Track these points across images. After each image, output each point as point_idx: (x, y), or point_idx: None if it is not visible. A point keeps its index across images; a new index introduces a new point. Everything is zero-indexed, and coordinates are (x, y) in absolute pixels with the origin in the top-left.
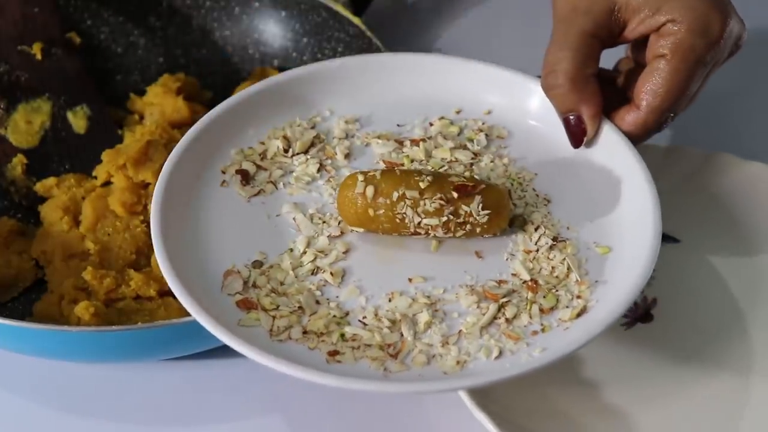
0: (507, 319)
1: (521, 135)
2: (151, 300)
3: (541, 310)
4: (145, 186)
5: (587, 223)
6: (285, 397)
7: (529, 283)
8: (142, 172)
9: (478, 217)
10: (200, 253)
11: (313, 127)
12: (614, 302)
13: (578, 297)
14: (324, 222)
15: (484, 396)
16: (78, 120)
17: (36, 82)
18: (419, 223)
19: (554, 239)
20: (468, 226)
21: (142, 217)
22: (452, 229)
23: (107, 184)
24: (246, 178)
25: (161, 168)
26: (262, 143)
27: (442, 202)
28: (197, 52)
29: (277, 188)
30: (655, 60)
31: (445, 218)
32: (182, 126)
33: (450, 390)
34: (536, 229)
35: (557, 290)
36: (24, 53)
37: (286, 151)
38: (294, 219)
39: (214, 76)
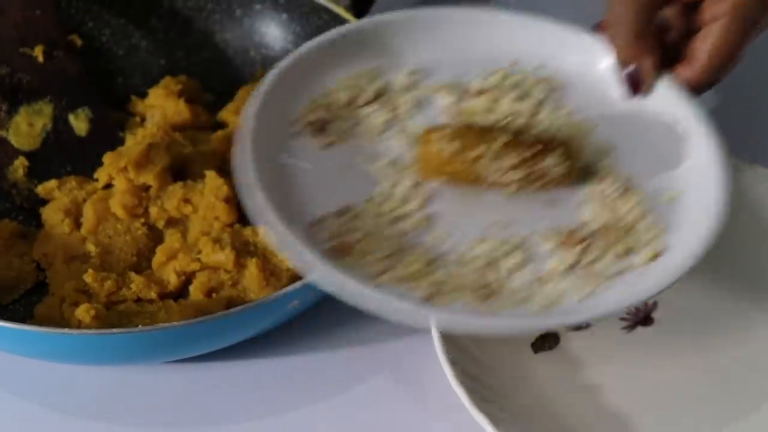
0: (588, 262)
1: (580, 86)
2: (152, 302)
3: (618, 255)
4: (146, 188)
5: (652, 172)
6: (285, 399)
7: (604, 229)
8: (144, 175)
9: (553, 171)
10: (285, 204)
11: (378, 79)
12: (689, 246)
13: (650, 242)
14: (400, 172)
15: (484, 398)
16: (79, 122)
17: (37, 84)
18: (497, 178)
19: (622, 187)
20: (543, 180)
21: (143, 220)
22: (528, 182)
23: (108, 186)
24: (319, 128)
25: (162, 171)
26: (331, 94)
27: (520, 158)
28: (199, 55)
29: (349, 138)
30: (711, 21)
31: (522, 173)
32: (184, 128)
33: (545, 327)
34: (604, 179)
35: (630, 235)
36: (25, 56)
37: (354, 102)
38: (371, 168)
39: (215, 78)
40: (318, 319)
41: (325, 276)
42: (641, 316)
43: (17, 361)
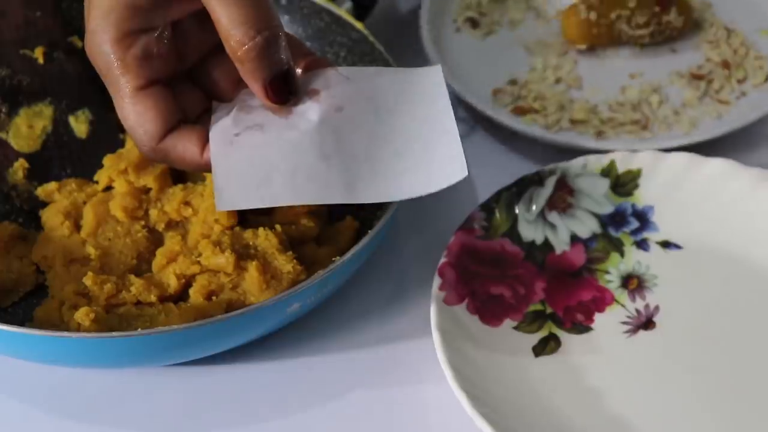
0: (715, 90)
1: None
2: (152, 306)
3: (738, 81)
4: (147, 191)
5: (746, 16)
6: (285, 402)
7: (722, 63)
8: (144, 177)
9: (675, 23)
10: (465, 79)
11: None
12: None
13: (761, 68)
14: (548, 46)
15: (485, 403)
16: (80, 124)
17: (38, 86)
18: (632, 34)
19: (726, 29)
20: (667, 32)
21: (143, 222)
22: (655, 36)
23: (108, 188)
24: (474, 23)
25: (162, 173)
26: None
27: (649, 14)
28: None
29: (501, 27)
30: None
31: (652, 28)
32: None
33: (693, 143)
34: (711, 26)
35: (743, 66)
36: (26, 57)
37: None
38: (526, 47)
39: None
40: (318, 323)
41: (517, 127)
42: (643, 320)
43: (17, 364)
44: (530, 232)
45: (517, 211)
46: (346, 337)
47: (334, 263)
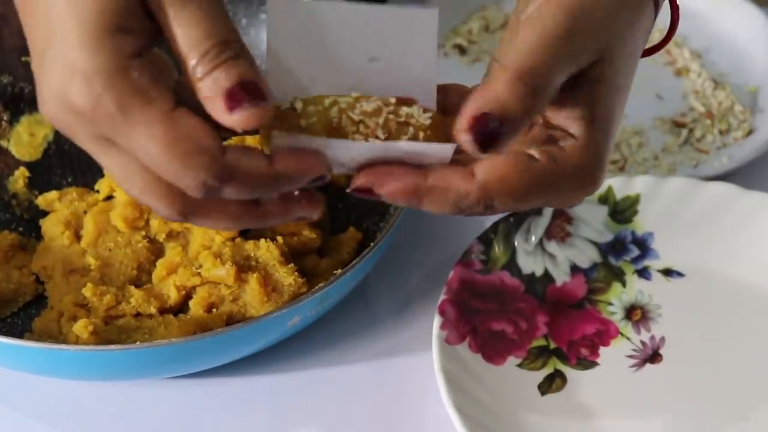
0: (696, 139)
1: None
2: (151, 317)
3: (720, 132)
4: None
5: (735, 70)
6: (285, 416)
7: (706, 113)
8: None
9: None
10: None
11: (503, 11)
12: None
13: (744, 122)
14: None
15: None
16: None
17: None
18: None
19: (714, 81)
20: None
21: (143, 233)
22: None
23: (109, 198)
24: (462, 50)
25: None
26: (466, 24)
27: None
28: None
29: (488, 56)
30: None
31: None
32: None
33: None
34: (698, 76)
35: (727, 117)
36: (28, 65)
37: (486, 29)
38: None
39: None
40: (319, 335)
41: None
42: (649, 353)
43: (14, 376)
44: (529, 263)
45: (516, 242)
46: (348, 350)
47: (335, 276)
